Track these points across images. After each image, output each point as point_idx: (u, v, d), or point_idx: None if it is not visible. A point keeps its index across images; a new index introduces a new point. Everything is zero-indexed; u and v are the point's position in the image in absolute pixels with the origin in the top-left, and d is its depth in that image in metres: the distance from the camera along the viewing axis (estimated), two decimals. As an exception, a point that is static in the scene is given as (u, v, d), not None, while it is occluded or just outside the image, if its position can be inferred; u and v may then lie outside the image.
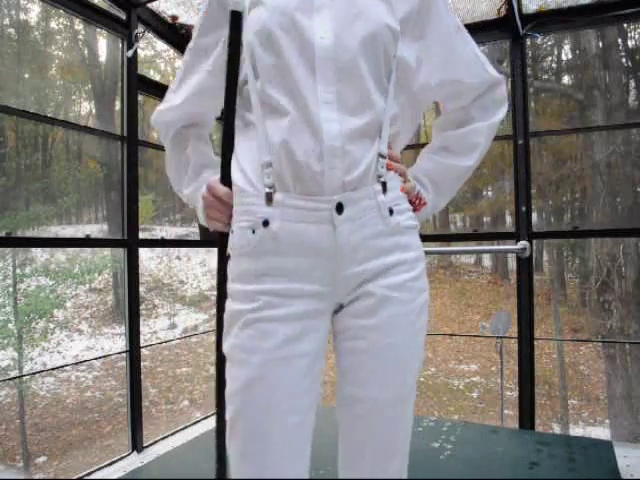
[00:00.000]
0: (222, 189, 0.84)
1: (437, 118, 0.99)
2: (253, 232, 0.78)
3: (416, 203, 0.91)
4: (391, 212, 0.81)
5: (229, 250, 0.83)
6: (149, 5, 2.39)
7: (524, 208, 2.44)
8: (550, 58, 10.02)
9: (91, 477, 2.09)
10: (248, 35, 0.80)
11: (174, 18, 2.52)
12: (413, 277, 0.82)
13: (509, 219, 11.73)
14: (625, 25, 7.67)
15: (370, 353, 0.80)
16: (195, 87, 0.91)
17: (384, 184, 0.81)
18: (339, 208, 0.76)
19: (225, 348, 0.81)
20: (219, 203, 0.84)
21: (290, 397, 0.77)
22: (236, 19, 0.80)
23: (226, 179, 0.84)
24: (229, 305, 0.81)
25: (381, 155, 0.81)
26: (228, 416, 0.79)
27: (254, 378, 0.76)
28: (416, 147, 2.64)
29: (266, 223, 0.77)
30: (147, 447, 2.37)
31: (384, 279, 0.80)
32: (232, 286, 0.81)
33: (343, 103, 0.77)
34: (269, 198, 0.77)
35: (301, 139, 0.76)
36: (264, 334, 0.76)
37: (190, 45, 0.93)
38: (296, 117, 0.76)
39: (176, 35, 2.62)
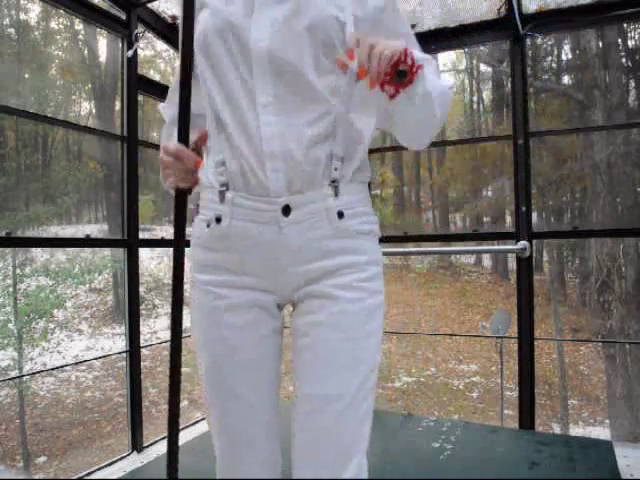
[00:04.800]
0: (172, 145, 0.79)
1: None
2: (208, 226, 0.83)
3: (407, 62, 0.73)
4: (341, 215, 0.80)
5: (190, 238, 0.88)
6: (149, 5, 2.39)
7: (524, 208, 2.43)
8: (550, 58, 10.03)
9: (91, 477, 2.09)
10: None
11: (174, 18, 2.52)
12: (363, 278, 0.81)
13: (509, 219, 11.72)
14: (625, 25, 7.67)
15: (314, 350, 0.80)
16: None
17: (336, 188, 0.80)
18: (285, 210, 0.78)
19: (193, 334, 0.89)
20: (172, 159, 0.79)
21: (243, 380, 0.83)
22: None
23: (183, 138, 0.80)
24: (191, 293, 0.88)
25: (335, 157, 0.80)
26: (203, 396, 0.88)
27: (212, 365, 0.84)
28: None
29: (219, 219, 0.81)
30: (147, 447, 2.37)
31: (331, 279, 0.80)
32: (191, 273, 0.88)
33: (283, 105, 0.77)
34: (222, 196, 0.81)
35: (242, 144, 0.78)
36: (218, 324, 0.83)
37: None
38: (233, 123, 0.79)
39: (176, 35, 2.61)
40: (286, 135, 0.77)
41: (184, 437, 2.48)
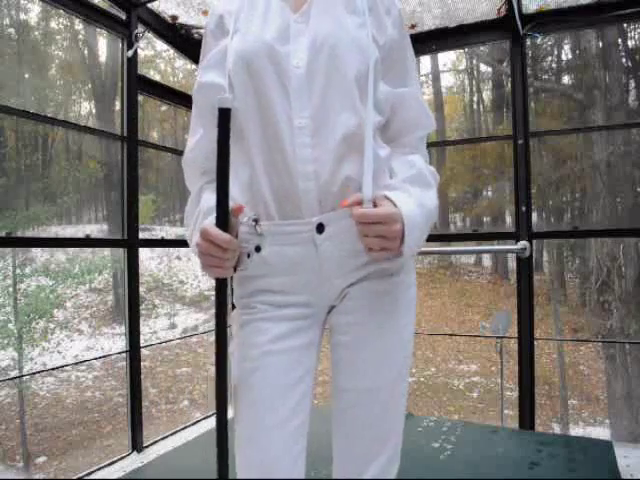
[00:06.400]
0: (216, 232, 0.75)
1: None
2: (248, 256, 0.86)
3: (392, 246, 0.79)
4: None
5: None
6: (149, 5, 2.39)
7: (524, 208, 2.43)
8: (550, 58, 10.03)
9: (91, 477, 2.09)
10: (228, 63, 0.83)
11: (174, 18, 2.52)
12: (396, 280, 0.87)
13: (509, 219, 11.73)
14: (625, 25, 7.67)
15: (353, 347, 0.86)
16: (205, 125, 0.88)
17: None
18: (319, 228, 0.81)
19: (230, 348, 0.88)
20: (214, 248, 0.76)
21: (282, 386, 0.83)
22: (224, 117, 0.75)
23: (222, 222, 0.77)
24: (233, 312, 0.90)
25: (359, 174, 0.81)
26: (234, 405, 0.87)
27: (251, 369, 0.84)
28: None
29: (258, 248, 0.84)
30: (147, 447, 2.37)
31: (367, 282, 0.85)
32: (235, 300, 0.91)
33: (317, 127, 0.80)
34: (257, 228, 0.84)
35: (276, 167, 0.81)
36: (259, 331, 0.85)
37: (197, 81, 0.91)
38: (270, 145, 0.81)
39: (176, 35, 2.62)
40: (317, 156, 0.80)
41: (184, 437, 2.48)
